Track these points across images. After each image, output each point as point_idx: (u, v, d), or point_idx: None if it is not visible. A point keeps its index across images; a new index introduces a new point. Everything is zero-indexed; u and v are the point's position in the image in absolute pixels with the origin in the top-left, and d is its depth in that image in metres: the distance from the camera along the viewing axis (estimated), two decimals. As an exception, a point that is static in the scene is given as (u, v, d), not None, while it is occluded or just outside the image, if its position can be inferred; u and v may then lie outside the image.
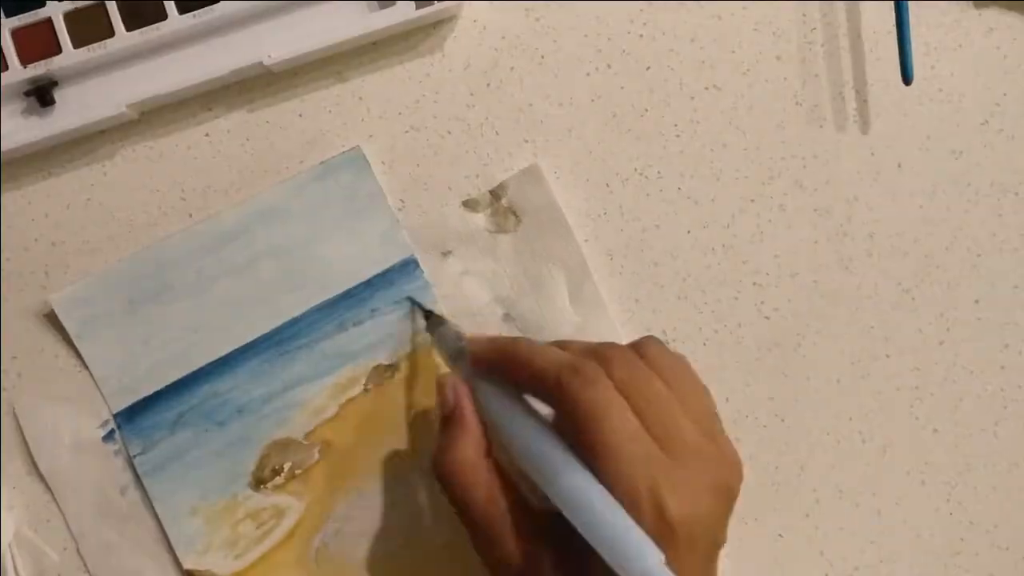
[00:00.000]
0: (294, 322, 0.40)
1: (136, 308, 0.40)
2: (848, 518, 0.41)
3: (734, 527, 0.40)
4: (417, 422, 0.40)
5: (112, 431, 0.40)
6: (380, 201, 0.40)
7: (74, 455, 0.40)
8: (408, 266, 0.40)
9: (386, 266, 0.40)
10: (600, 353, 0.32)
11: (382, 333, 0.40)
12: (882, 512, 0.41)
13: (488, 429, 0.34)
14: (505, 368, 0.34)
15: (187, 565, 0.39)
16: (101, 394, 0.40)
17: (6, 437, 0.40)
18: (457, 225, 0.40)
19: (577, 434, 0.31)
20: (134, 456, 0.39)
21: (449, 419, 0.34)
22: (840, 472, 0.41)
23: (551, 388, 0.32)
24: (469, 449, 0.33)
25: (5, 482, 0.40)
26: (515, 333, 0.40)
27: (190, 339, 0.40)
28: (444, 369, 0.39)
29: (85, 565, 0.40)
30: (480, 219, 0.40)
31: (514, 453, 0.33)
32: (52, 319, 0.40)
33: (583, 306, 0.40)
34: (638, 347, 0.34)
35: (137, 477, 0.40)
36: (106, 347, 0.40)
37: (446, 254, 0.40)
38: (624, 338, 0.40)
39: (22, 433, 0.40)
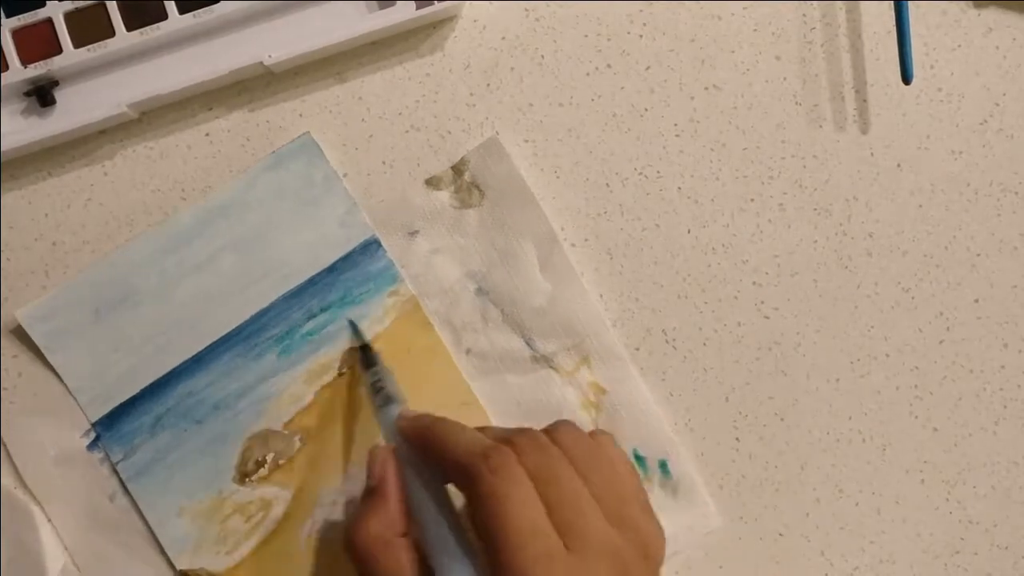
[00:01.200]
0: (262, 314, 0.40)
1: (103, 316, 0.40)
2: (848, 517, 0.41)
3: (734, 527, 0.40)
4: None
5: (96, 439, 0.40)
6: (336, 185, 0.40)
7: (60, 467, 0.40)
8: (370, 247, 0.40)
9: (348, 249, 0.40)
10: (513, 440, 0.32)
11: (352, 316, 0.40)
12: (882, 511, 0.41)
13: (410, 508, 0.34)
14: (426, 450, 0.34)
15: (180, 566, 0.39)
16: (78, 404, 0.40)
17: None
18: (422, 203, 0.40)
19: (481, 525, 0.30)
20: (116, 463, 0.39)
21: (371, 492, 0.34)
22: (840, 471, 0.41)
23: (462, 474, 0.31)
24: (382, 524, 0.33)
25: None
26: (489, 307, 0.40)
27: (160, 341, 0.40)
28: (419, 345, 0.40)
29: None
30: (444, 196, 0.40)
31: (420, 537, 0.33)
32: (22, 333, 0.40)
33: (554, 273, 0.40)
34: (552, 432, 0.33)
35: (123, 484, 0.39)
36: (77, 357, 0.40)
37: (413, 234, 0.40)
38: (599, 306, 0.40)
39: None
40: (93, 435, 0.40)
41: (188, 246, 0.40)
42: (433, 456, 0.33)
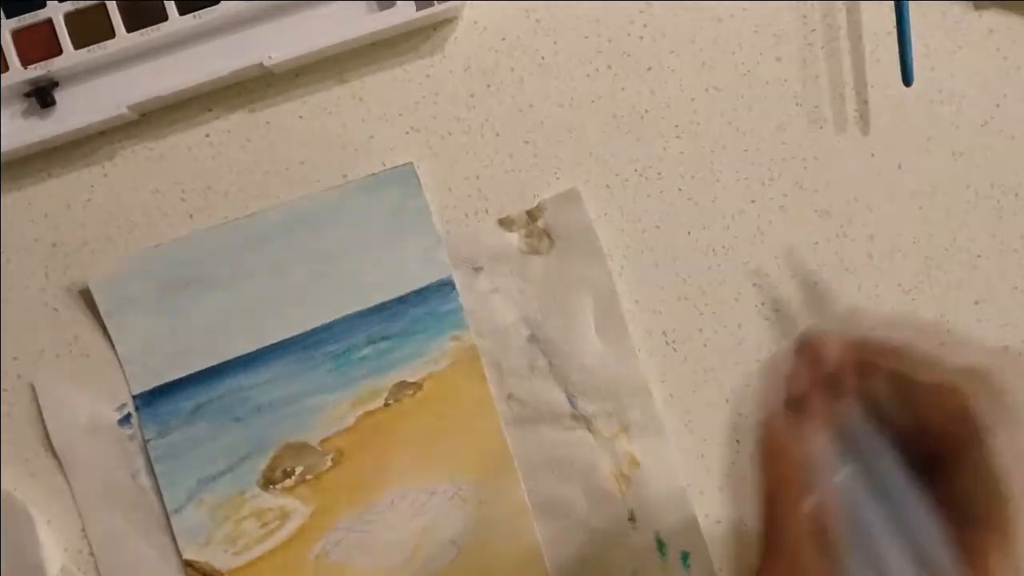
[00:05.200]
0: (324, 328, 0.40)
1: (169, 293, 0.40)
2: (848, 519, 0.41)
3: (734, 526, 0.40)
4: (433, 443, 0.40)
5: (128, 416, 0.40)
6: (425, 219, 0.40)
7: (88, 436, 0.40)
8: (445, 287, 0.40)
9: (423, 284, 0.40)
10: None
11: (410, 350, 0.40)
12: (882, 513, 0.41)
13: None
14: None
15: (187, 556, 0.39)
16: (124, 374, 0.40)
17: (24, 412, 0.40)
18: (490, 242, 0.40)
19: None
20: (148, 440, 0.39)
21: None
22: (840, 473, 0.41)
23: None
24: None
25: (17, 458, 0.40)
26: (538, 356, 0.40)
27: (218, 331, 0.40)
28: (469, 395, 0.39)
29: (89, 545, 0.39)
30: (514, 238, 0.40)
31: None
32: (81, 301, 0.40)
33: (608, 335, 0.40)
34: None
35: (148, 464, 0.40)
36: (135, 328, 0.40)
37: (477, 270, 0.40)
38: (648, 377, 0.40)
39: (40, 411, 0.40)
40: (127, 410, 0.40)
41: (268, 245, 0.40)
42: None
